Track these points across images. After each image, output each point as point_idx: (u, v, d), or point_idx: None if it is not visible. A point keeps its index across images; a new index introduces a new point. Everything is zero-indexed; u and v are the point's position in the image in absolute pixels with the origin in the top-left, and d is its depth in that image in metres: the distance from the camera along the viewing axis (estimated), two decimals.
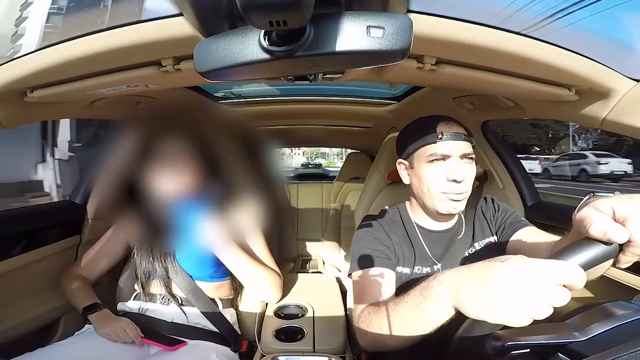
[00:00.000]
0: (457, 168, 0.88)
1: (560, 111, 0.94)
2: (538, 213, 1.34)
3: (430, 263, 0.97)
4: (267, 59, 0.44)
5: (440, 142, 0.88)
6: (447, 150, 0.88)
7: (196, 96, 1.45)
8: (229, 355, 1.11)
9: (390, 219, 1.03)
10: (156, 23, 0.59)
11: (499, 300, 0.51)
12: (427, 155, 0.90)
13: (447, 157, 0.89)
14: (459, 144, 0.89)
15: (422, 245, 0.98)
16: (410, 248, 0.98)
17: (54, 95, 0.84)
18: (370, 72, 0.86)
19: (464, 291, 0.57)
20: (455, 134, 0.89)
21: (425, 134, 0.91)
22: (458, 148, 0.89)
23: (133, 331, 1.04)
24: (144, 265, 1.13)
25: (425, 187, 0.92)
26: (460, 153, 0.89)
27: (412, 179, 0.97)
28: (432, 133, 0.90)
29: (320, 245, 2.57)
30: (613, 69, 0.74)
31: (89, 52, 0.66)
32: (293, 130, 2.28)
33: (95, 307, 1.11)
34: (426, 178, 0.91)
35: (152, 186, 1.03)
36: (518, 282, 0.50)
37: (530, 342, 0.50)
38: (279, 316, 1.19)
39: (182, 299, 1.13)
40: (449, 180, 0.88)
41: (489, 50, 0.64)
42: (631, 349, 0.37)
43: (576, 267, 0.48)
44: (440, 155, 0.88)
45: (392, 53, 0.43)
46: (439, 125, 0.90)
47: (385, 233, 0.98)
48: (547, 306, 0.48)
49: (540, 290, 0.48)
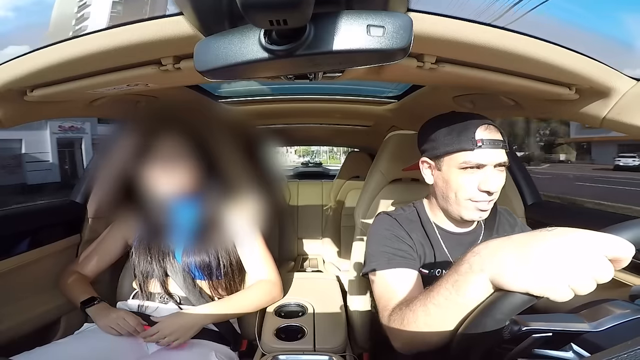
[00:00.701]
0: (491, 178, 0.82)
1: (561, 110, 0.94)
2: (538, 212, 1.34)
3: (449, 266, 0.93)
4: (267, 58, 0.44)
5: (477, 150, 0.81)
6: (484, 159, 0.82)
7: (196, 95, 1.45)
8: (228, 354, 1.12)
9: (408, 218, 0.98)
10: (156, 22, 0.59)
11: (544, 270, 0.48)
12: (461, 162, 0.83)
13: (482, 166, 0.82)
14: (496, 152, 0.82)
15: (442, 248, 0.94)
16: (431, 249, 0.94)
17: (54, 94, 0.84)
18: (370, 71, 0.86)
19: (504, 261, 0.52)
20: (494, 142, 0.82)
21: (461, 138, 0.83)
22: (494, 157, 0.82)
23: (133, 320, 1.04)
24: (142, 264, 1.13)
25: (452, 193, 0.87)
26: (495, 162, 0.82)
27: (438, 181, 0.91)
28: (470, 138, 0.82)
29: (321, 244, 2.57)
30: (613, 68, 0.74)
31: (89, 52, 0.66)
32: (293, 129, 2.28)
33: (93, 300, 1.11)
34: (456, 185, 0.85)
35: (150, 185, 1.04)
36: (566, 252, 0.48)
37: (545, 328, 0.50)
38: (280, 315, 1.19)
39: (181, 297, 1.13)
40: (481, 191, 0.83)
41: (489, 49, 0.64)
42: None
43: (626, 242, 0.47)
44: (476, 164, 0.82)
45: (392, 52, 0.43)
46: (479, 130, 0.82)
47: (406, 232, 0.94)
48: (592, 280, 0.46)
49: (588, 261, 0.46)
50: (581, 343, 0.49)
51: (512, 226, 1.01)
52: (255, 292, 1.17)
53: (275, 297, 1.21)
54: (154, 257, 1.12)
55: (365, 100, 1.77)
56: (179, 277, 1.12)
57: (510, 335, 0.51)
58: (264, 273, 1.20)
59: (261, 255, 1.20)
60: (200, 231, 1.11)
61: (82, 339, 1.05)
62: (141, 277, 1.14)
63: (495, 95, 1.10)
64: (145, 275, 1.13)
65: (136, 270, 1.14)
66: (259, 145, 1.15)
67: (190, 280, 1.12)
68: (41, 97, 0.85)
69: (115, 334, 1.03)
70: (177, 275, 1.12)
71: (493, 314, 0.54)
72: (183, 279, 1.11)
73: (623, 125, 0.80)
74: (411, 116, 1.65)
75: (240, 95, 1.74)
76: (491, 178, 0.82)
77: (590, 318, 0.51)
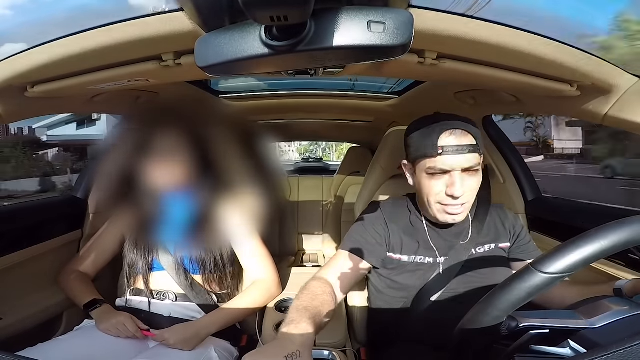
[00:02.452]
0: (456, 183, 0.84)
1: (562, 107, 0.94)
2: (538, 208, 1.34)
3: (433, 254, 0.96)
4: (268, 54, 0.44)
5: (440, 157, 0.83)
6: (448, 164, 0.84)
7: (197, 91, 1.45)
8: (228, 349, 1.12)
9: (395, 208, 1.03)
10: (157, 18, 0.59)
11: None
12: (427, 168, 0.86)
13: (448, 171, 0.85)
14: (461, 158, 0.83)
15: (426, 237, 0.98)
16: (413, 238, 0.98)
17: (55, 90, 0.84)
18: (371, 66, 0.86)
19: None
20: (457, 148, 0.83)
21: (426, 144, 0.85)
22: (460, 162, 0.84)
23: (132, 326, 1.05)
24: (133, 258, 1.14)
25: (424, 196, 0.91)
26: (462, 167, 0.84)
27: (415, 184, 0.95)
28: (432, 144, 0.84)
29: (321, 239, 2.58)
30: (615, 65, 0.74)
31: (90, 47, 0.66)
32: (293, 125, 2.28)
33: (95, 303, 1.11)
34: (425, 189, 0.89)
35: (145, 178, 1.04)
36: None
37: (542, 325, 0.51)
38: (280, 310, 1.20)
39: (177, 294, 1.13)
40: (447, 195, 0.86)
41: (490, 46, 0.64)
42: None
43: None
44: (440, 169, 0.85)
45: (393, 48, 0.43)
46: (442, 136, 0.84)
47: (383, 222, 0.99)
48: None
49: None
50: (578, 339, 0.49)
51: (503, 222, 1.03)
52: (254, 294, 1.17)
53: (273, 295, 1.22)
54: (145, 252, 1.13)
55: (365, 95, 1.77)
56: (173, 271, 1.12)
57: (507, 331, 0.52)
58: (262, 272, 1.20)
59: (258, 254, 1.19)
60: (194, 226, 1.11)
61: (84, 335, 1.05)
62: (129, 271, 1.15)
63: (496, 92, 1.09)
64: (135, 270, 1.14)
65: (125, 264, 1.15)
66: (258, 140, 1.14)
67: (184, 274, 1.12)
68: (42, 93, 0.84)
69: (113, 336, 1.04)
70: (172, 269, 1.12)
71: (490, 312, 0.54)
72: (177, 272, 1.12)
73: (625, 122, 0.79)
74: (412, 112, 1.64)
75: (241, 91, 1.74)
76: (457, 183, 0.84)
77: (587, 315, 0.52)
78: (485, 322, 0.55)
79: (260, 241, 1.21)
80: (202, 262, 1.13)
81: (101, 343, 1.02)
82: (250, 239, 1.19)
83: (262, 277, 1.20)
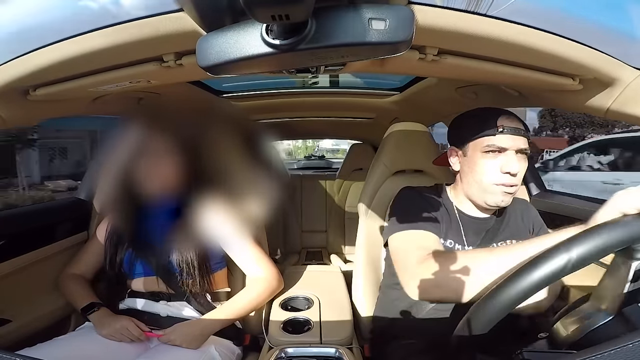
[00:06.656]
0: (512, 161, 0.88)
1: (565, 101, 0.94)
2: (543, 202, 1.34)
3: (461, 242, 0.98)
4: (270, 53, 0.44)
5: (499, 135, 0.89)
6: (505, 143, 0.89)
7: (198, 91, 1.45)
8: (230, 348, 1.12)
9: (431, 194, 1.04)
10: (157, 19, 0.59)
11: None
12: (484, 146, 0.90)
13: (504, 150, 0.89)
14: (517, 138, 0.89)
15: (459, 226, 0.99)
16: (449, 224, 0.99)
17: (56, 93, 0.84)
18: (372, 63, 0.85)
19: None
20: (515, 129, 0.89)
21: (485, 124, 0.91)
22: (516, 142, 0.89)
23: (136, 330, 1.04)
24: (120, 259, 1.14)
25: (477, 176, 0.93)
26: (517, 147, 0.89)
27: (464, 167, 0.97)
28: (492, 125, 0.90)
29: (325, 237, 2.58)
30: (617, 59, 0.73)
31: (91, 50, 0.66)
32: (295, 123, 2.28)
33: (92, 306, 1.10)
34: (480, 168, 0.92)
35: (143, 180, 1.05)
36: None
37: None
38: (286, 308, 1.20)
39: (170, 294, 1.13)
40: (503, 172, 0.89)
41: (491, 40, 0.64)
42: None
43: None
44: (498, 147, 0.89)
45: (394, 45, 0.43)
46: (500, 118, 0.90)
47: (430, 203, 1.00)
48: None
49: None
50: None
51: (523, 218, 1.04)
52: (254, 290, 1.18)
53: (274, 291, 1.22)
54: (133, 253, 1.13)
55: (367, 92, 1.77)
56: (162, 273, 1.11)
57: None
58: (259, 270, 1.20)
59: (252, 254, 1.19)
60: (183, 228, 1.10)
61: (85, 335, 1.06)
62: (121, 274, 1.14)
63: (498, 87, 1.09)
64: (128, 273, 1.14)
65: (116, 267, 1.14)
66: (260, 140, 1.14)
67: (174, 277, 1.11)
68: (44, 95, 0.85)
69: (117, 341, 1.03)
70: (161, 271, 1.11)
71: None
72: (165, 275, 1.11)
73: (628, 116, 0.79)
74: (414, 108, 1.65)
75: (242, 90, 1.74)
76: (512, 161, 0.88)
77: None
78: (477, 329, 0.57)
79: (253, 241, 1.20)
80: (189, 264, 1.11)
81: (101, 343, 1.02)
82: (242, 241, 1.18)
83: (261, 274, 1.20)
